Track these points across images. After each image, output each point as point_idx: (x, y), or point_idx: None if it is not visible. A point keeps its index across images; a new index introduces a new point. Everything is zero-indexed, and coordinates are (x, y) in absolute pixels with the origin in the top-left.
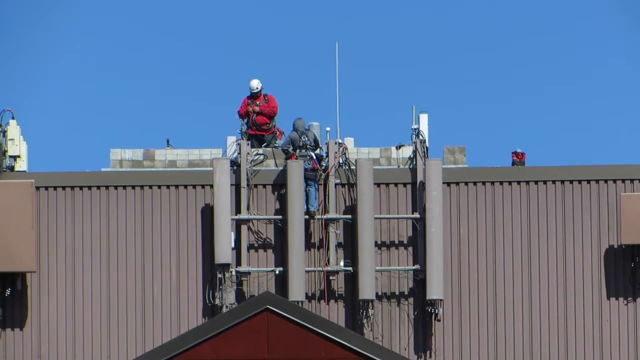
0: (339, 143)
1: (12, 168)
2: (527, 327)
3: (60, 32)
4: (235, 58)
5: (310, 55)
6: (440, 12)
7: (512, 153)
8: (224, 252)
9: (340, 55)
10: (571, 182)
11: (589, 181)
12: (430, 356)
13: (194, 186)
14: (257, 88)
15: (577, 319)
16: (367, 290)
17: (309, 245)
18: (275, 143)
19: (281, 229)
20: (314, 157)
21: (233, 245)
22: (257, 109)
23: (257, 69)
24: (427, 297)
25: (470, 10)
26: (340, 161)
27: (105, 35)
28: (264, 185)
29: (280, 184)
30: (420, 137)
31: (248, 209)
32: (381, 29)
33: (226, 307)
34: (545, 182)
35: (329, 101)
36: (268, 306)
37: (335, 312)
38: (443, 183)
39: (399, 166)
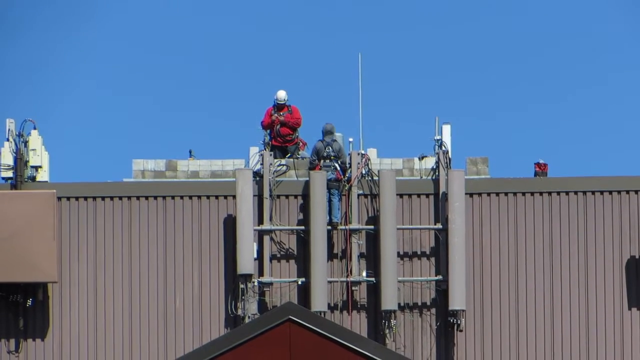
0: (362, 154)
1: (33, 178)
2: (549, 337)
3: (83, 40)
4: (257, 69)
5: (333, 66)
6: (461, 22)
7: (535, 164)
8: (246, 262)
9: (363, 66)
10: (593, 192)
11: (610, 192)
12: None
13: (217, 197)
14: (284, 99)
15: (598, 329)
16: (389, 300)
17: (331, 255)
18: (298, 154)
19: (304, 240)
20: (338, 167)
21: (255, 255)
22: (281, 119)
23: (280, 80)
24: (450, 308)
25: (490, 19)
26: (363, 172)
27: (129, 45)
28: (287, 196)
29: (303, 195)
30: (443, 148)
31: (271, 219)
32: (403, 40)
33: (248, 317)
34: (567, 192)
35: (351, 112)
36: (290, 317)
37: (358, 323)
38: (465, 194)
39: (421, 177)
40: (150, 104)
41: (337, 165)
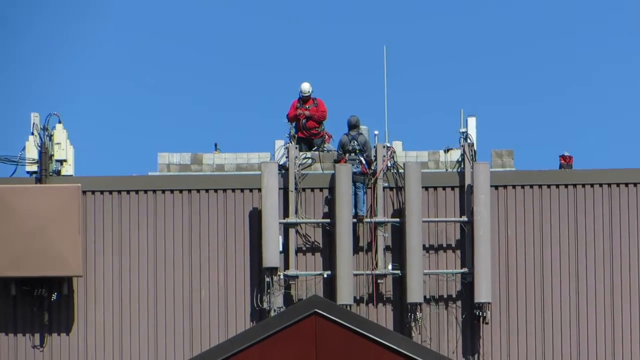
0: (387, 146)
1: (58, 172)
2: (574, 329)
3: (110, 33)
4: (282, 61)
5: (358, 59)
6: (486, 10)
7: (560, 156)
8: (272, 255)
9: (388, 58)
10: (618, 184)
11: (635, 184)
12: (479, 359)
13: (242, 190)
14: (308, 92)
15: (624, 320)
16: (415, 293)
17: (357, 248)
18: (324, 147)
19: (329, 233)
20: (363, 161)
21: (281, 249)
22: (307, 113)
23: (306, 73)
24: (475, 300)
25: (518, 7)
26: (389, 164)
27: (155, 40)
28: (312, 189)
29: (328, 188)
30: (469, 141)
31: (296, 212)
32: (427, 30)
33: (274, 310)
34: (592, 185)
35: (377, 105)
36: (316, 310)
37: (384, 316)
38: (491, 186)
39: (447, 169)
40: (175, 98)
41: (362, 158)
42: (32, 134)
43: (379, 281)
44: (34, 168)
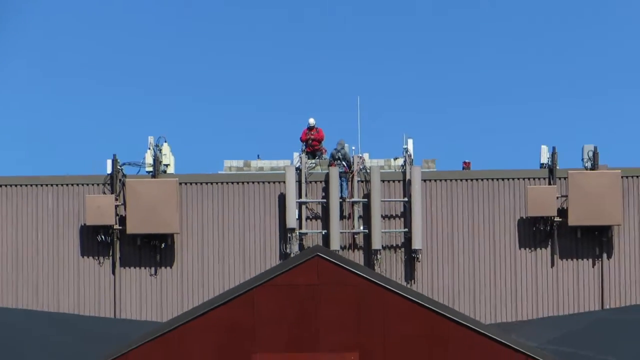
0: (360, 156)
1: (165, 172)
2: (471, 263)
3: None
4: (298, 103)
5: (340, 102)
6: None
7: (463, 162)
8: (291, 220)
9: (361, 103)
10: (499, 179)
11: (510, 179)
12: (415, 283)
13: (274, 182)
14: (313, 124)
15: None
16: (376, 243)
17: (342, 217)
18: (322, 157)
19: (325, 208)
20: (345, 165)
21: (297, 216)
22: (312, 136)
23: (313, 111)
24: (412, 247)
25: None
26: (361, 167)
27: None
28: (315, 182)
29: (324, 181)
30: (408, 153)
31: (306, 195)
32: (391, 81)
33: (293, 254)
34: (482, 179)
35: (354, 131)
36: (318, 253)
37: (358, 257)
38: (422, 180)
39: (395, 170)
40: (235, 117)
41: (344, 163)
42: (149, 148)
43: (355, 236)
44: (150, 169)
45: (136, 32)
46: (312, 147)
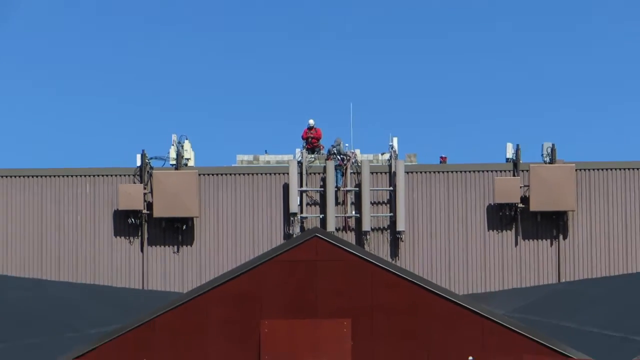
0: (352, 151)
1: (186, 165)
2: (445, 242)
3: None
4: (300, 105)
5: (334, 107)
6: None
7: (440, 157)
8: (294, 206)
9: (354, 110)
10: (469, 172)
11: (480, 171)
12: (399, 259)
13: (279, 174)
14: (313, 125)
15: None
16: (366, 225)
17: (337, 202)
18: (320, 152)
19: (323, 195)
20: (340, 158)
21: (298, 202)
22: (312, 135)
23: (315, 113)
24: (397, 229)
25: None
26: (353, 161)
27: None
28: (314, 173)
29: (323, 172)
30: (394, 149)
31: (306, 184)
32: (381, 87)
33: (295, 234)
34: (455, 171)
35: (347, 130)
36: (316, 234)
37: (351, 237)
38: (405, 172)
39: (382, 163)
40: (247, 118)
41: (339, 157)
42: (172, 144)
43: (348, 220)
44: (174, 162)
45: (162, 40)
46: (311, 144)
